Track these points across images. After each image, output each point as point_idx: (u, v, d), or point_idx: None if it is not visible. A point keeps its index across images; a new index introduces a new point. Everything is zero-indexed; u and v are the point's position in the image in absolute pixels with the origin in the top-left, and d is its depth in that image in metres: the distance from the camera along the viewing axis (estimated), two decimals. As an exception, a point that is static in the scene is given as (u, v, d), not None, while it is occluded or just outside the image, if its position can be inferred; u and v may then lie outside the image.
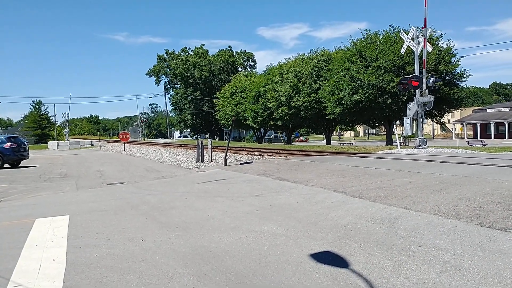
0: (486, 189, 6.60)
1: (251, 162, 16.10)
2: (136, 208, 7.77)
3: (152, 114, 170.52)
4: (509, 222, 4.75)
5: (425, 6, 19.30)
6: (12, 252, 5.00)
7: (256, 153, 22.94)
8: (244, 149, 27.24)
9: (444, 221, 5.08)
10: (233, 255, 4.50)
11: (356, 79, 30.49)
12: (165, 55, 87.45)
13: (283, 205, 7.06)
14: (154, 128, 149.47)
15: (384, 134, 63.15)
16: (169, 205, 7.84)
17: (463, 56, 65.26)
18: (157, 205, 7.97)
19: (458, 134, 63.49)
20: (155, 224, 6.22)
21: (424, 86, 19.42)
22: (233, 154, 22.83)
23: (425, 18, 19.41)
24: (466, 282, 3.37)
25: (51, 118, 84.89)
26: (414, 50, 20.33)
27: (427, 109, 20.16)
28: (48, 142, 63.06)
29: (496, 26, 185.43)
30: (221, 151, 23.13)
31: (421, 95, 19.50)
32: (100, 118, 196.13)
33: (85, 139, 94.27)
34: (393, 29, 32.31)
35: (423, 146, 19.37)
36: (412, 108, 19.79)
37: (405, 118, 20.52)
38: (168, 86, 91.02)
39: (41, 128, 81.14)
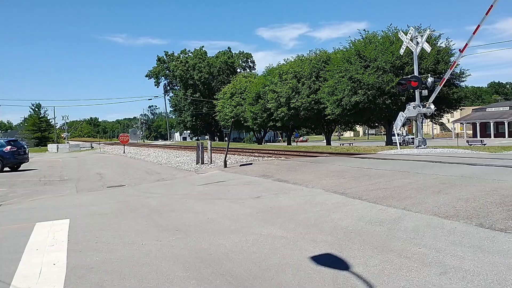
0: (486, 189, 6.60)
1: (251, 164, 16.10)
2: (136, 211, 7.78)
3: (152, 116, 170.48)
4: (509, 223, 4.75)
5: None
6: (13, 256, 5.00)
7: (256, 154, 22.93)
8: (244, 150, 27.23)
9: (444, 222, 5.08)
10: (233, 258, 4.50)
11: (355, 79, 30.50)
12: (164, 56, 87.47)
13: (283, 207, 7.06)
14: (154, 129, 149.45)
15: (384, 134, 63.22)
16: (169, 208, 7.84)
17: (462, 56, 65.08)
18: (157, 208, 7.97)
19: (457, 133, 63.54)
20: (155, 227, 6.23)
21: (431, 99, 19.33)
22: (232, 155, 22.82)
23: (466, 43, 18.52)
24: (466, 283, 3.37)
25: (50, 120, 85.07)
26: (413, 50, 20.35)
27: (428, 114, 20.18)
28: (48, 145, 63.12)
29: (496, 25, 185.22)
30: (221, 153, 23.12)
31: (421, 95, 19.47)
32: (99, 120, 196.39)
33: (85, 141, 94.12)
34: (392, 29, 32.37)
35: (423, 146, 19.38)
36: (411, 111, 19.69)
37: (400, 113, 20.41)
38: (168, 87, 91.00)
39: (40, 131, 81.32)
